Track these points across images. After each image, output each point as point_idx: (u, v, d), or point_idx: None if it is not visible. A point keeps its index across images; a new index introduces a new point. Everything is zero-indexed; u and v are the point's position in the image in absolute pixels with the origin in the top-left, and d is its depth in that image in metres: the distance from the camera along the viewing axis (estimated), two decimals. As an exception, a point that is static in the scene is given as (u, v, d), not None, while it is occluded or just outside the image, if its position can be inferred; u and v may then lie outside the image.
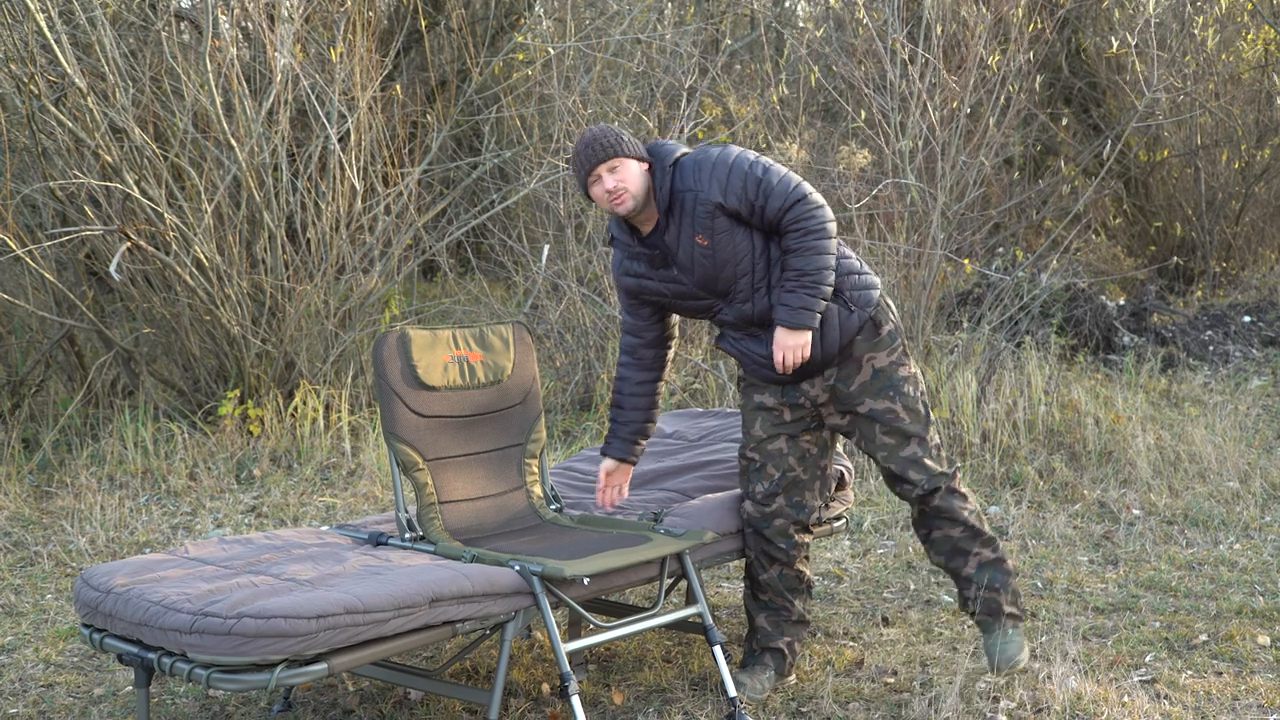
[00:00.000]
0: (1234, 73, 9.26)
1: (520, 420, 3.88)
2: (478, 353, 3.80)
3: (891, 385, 3.65)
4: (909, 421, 3.66)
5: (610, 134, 3.56)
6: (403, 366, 3.66)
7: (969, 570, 3.76)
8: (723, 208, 3.51)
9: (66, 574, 4.89)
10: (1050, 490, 5.61)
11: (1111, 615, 4.31)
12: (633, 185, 3.52)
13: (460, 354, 3.77)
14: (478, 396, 3.79)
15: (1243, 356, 7.91)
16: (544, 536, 3.68)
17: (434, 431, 3.70)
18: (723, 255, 3.54)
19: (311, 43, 6.91)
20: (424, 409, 3.68)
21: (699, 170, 3.53)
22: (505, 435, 3.84)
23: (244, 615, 2.95)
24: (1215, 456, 5.83)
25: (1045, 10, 8.15)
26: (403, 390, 3.65)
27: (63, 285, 6.41)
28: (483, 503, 3.77)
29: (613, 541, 3.56)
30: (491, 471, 3.80)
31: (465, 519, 3.73)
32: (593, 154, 3.52)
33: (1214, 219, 9.34)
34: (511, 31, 8.86)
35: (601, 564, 3.37)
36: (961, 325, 6.99)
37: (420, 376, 3.68)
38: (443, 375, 3.72)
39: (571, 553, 3.48)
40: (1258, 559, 4.79)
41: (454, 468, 3.73)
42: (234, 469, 5.99)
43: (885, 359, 3.65)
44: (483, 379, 3.80)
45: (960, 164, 6.40)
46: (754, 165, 3.53)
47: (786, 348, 3.52)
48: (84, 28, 6.12)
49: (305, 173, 6.53)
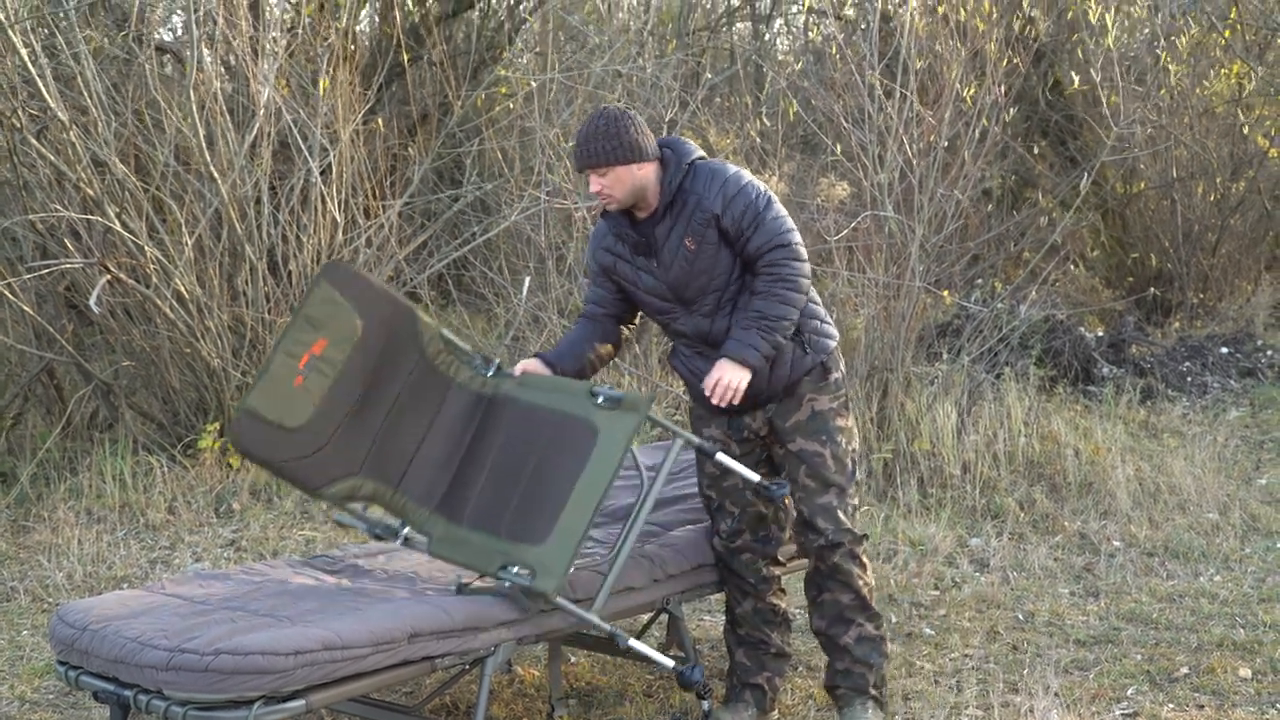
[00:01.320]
0: (1208, 106, 9.35)
1: (402, 341, 3.56)
2: (319, 339, 3.42)
3: (826, 430, 3.63)
4: (834, 470, 3.63)
5: (605, 138, 3.50)
6: (269, 434, 3.34)
7: (847, 640, 3.70)
8: (719, 221, 3.53)
9: (43, 609, 4.85)
10: (1031, 522, 5.62)
11: (1093, 648, 4.32)
12: (619, 191, 3.53)
13: (305, 360, 3.41)
14: (352, 372, 3.46)
15: (1221, 387, 7.95)
16: (497, 450, 3.47)
17: (342, 445, 3.43)
18: (702, 264, 3.55)
19: (294, 76, 6.92)
20: (317, 441, 3.40)
21: (712, 179, 3.55)
22: (402, 367, 3.55)
23: (221, 651, 2.93)
24: (1194, 488, 5.86)
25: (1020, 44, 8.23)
26: (288, 452, 3.36)
27: (42, 318, 6.38)
28: (428, 443, 3.55)
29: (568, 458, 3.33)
30: (415, 408, 3.56)
31: (426, 475, 3.53)
32: (582, 158, 3.52)
33: (1190, 251, 9.41)
34: (493, 65, 8.90)
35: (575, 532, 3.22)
36: (941, 357, 7.02)
37: (290, 425, 3.36)
38: (306, 399, 3.39)
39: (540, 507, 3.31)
40: (1238, 591, 4.81)
41: (383, 446, 3.50)
42: (213, 502, 5.96)
43: (826, 403, 3.65)
44: (342, 357, 3.45)
45: (938, 196, 6.44)
46: (760, 197, 3.55)
47: (724, 378, 3.48)
48: (67, 61, 6.12)
49: (287, 205, 6.53)
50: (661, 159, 3.59)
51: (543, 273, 7.29)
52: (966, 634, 4.44)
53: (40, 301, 6.64)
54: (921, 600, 4.79)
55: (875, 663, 3.71)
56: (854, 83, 6.50)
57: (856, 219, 6.52)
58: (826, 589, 3.70)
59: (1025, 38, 8.25)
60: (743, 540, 3.78)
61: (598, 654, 4.32)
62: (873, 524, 5.57)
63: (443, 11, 8.73)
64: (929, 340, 7.34)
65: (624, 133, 3.51)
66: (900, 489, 5.86)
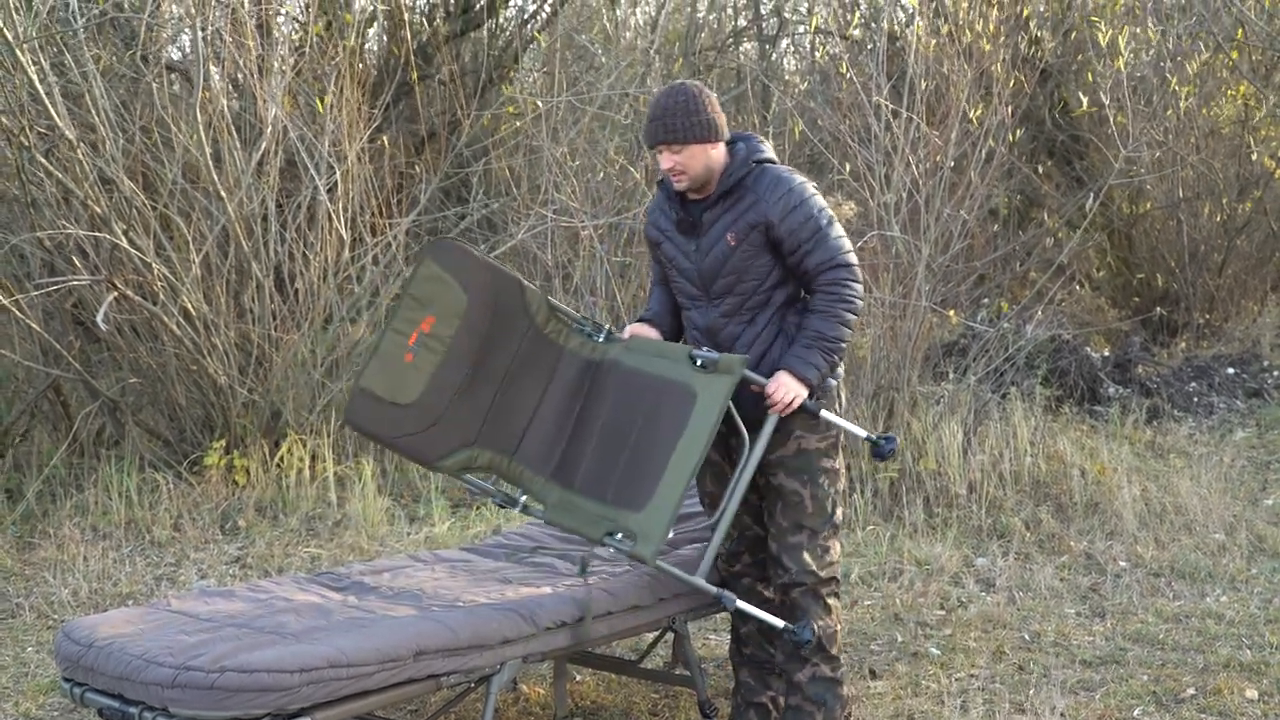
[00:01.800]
0: (1214, 127, 9.36)
1: (510, 312, 3.63)
2: (427, 317, 3.52)
3: (809, 471, 3.57)
4: (810, 513, 3.57)
5: (684, 114, 3.46)
6: (383, 412, 3.48)
7: (800, 677, 3.64)
8: (770, 230, 3.48)
9: (48, 626, 4.85)
10: (1037, 542, 5.61)
11: (1099, 668, 4.30)
12: (693, 170, 3.50)
13: (414, 338, 3.51)
14: (461, 347, 3.56)
15: (1227, 408, 7.94)
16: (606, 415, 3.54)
17: (456, 418, 3.52)
18: (735, 262, 3.52)
19: (302, 94, 6.95)
20: (431, 416, 3.51)
21: (776, 185, 3.50)
22: (511, 337, 3.62)
23: (227, 669, 2.93)
24: (1201, 508, 5.84)
25: (1026, 65, 8.25)
26: (402, 428, 3.49)
27: (49, 335, 6.40)
28: (542, 411, 3.62)
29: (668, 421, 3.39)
30: (528, 376, 3.62)
31: (541, 443, 3.61)
32: (658, 133, 3.48)
33: (1197, 271, 9.41)
34: (501, 85, 8.94)
35: (674, 494, 3.29)
36: (947, 376, 7.02)
37: (403, 401, 3.49)
38: (418, 376, 3.50)
39: (642, 473, 3.37)
40: (1245, 611, 4.79)
41: (498, 416, 3.58)
42: (219, 519, 5.96)
43: (815, 443, 3.57)
44: (450, 332, 3.54)
45: (944, 216, 6.45)
46: (822, 213, 3.52)
47: (785, 389, 3.45)
48: (75, 79, 6.15)
49: (294, 223, 6.55)
50: (730, 147, 3.56)
51: (549, 291, 7.30)
52: (972, 654, 4.43)
53: (47, 318, 6.66)
54: (927, 620, 4.78)
55: (829, 704, 3.64)
56: (860, 103, 6.52)
57: (863, 238, 6.54)
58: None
59: (1031, 59, 8.27)
60: (742, 564, 3.75)
61: (603, 673, 4.31)
62: (878, 543, 5.56)
63: (451, 31, 8.77)
64: (935, 360, 7.34)
65: (702, 110, 3.48)
66: (906, 508, 5.86)
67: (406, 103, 8.57)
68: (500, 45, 9.18)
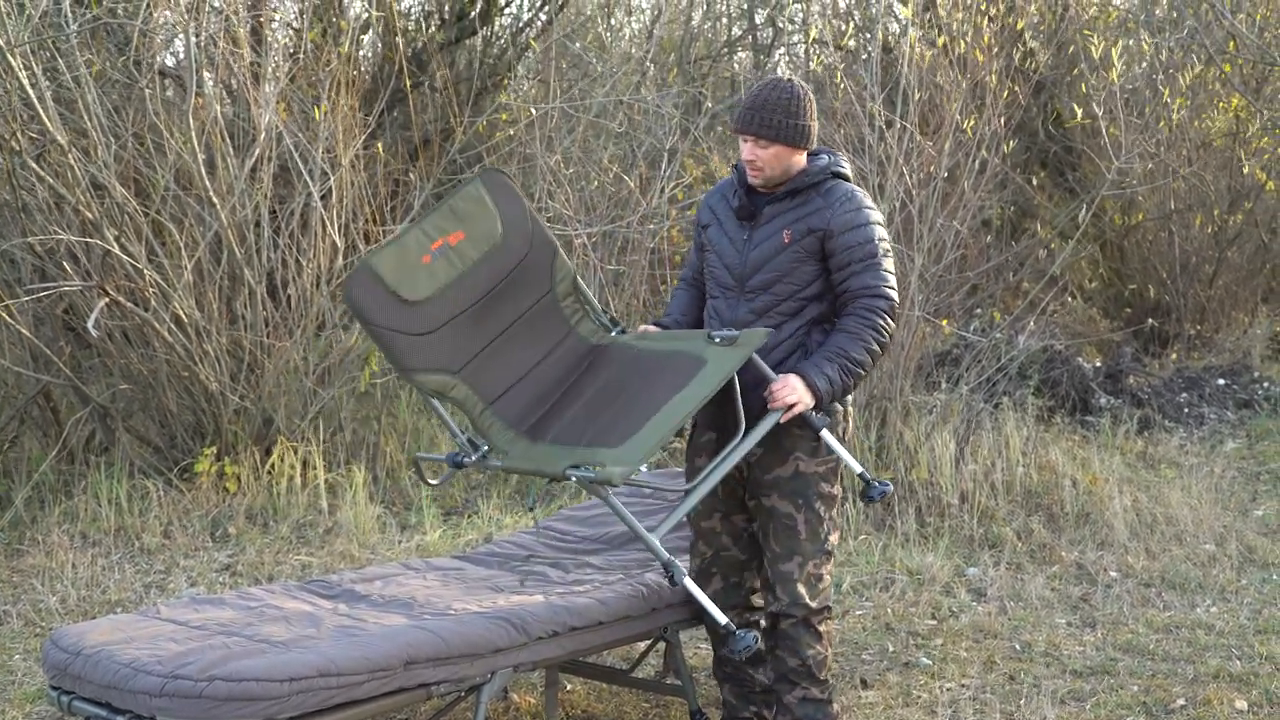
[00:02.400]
0: (1206, 139, 9.39)
1: (536, 270, 3.51)
2: (457, 231, 3.40)
3: (805, 495, 3.50)
4: (804, 537, 3.50)
5: (784, 114, 3.43)
6: (382, 297, 3.31)
7: (790, 699, 3.60)
8: (826, 239, 3.45)
9: (36, 634, 4.83)
10: (1028, 551, 5.61)
11: (1089, 679, 4.30)
12: (771, 168, 3.47)
13: (439, 244, 3.38)
14: (480, 275, 3.42)
15: (1217, 419, 7.95)
16: (601, 383, 3.41)
17: (449, 339, 3.39)
18: (782, 262, 3.48)
19: (295, 101, 6.95)
20: (427, 324, 3.35)
21: (847, 201, 3.48)
22: (527, 293, 3.51)
23: (215, 678, 2.92)
24: (1191, 519, 5.85)
25: (1020, 76, 8.27)
26: (395, 321, 3.32)
27: (40, 341, 6.38)
28: (533, 376, 3.49)
29: (670, 379, 3.25)
30: (530, 338, 3.51)
31: (522, 403, 3.46)
32: (743, 124, 3.45)
33: (1188, 282, 9.44)
34: (495, 92, 8.94)
35: (659, 431, 3.11)
36: (939, 386, 7.02)
37: (406, 296, 3.33)
38: (430, 279, 3.36)
39: (628, 418, 3.21)
40: (1235, 622, 4.79)
41: (488, 360, 3.45)
42: (209, 526, 5.95)
43: (813, 466, 3.50)
44: (475, 255, 3.41)
45: (938, 226, 6.46)
46: (880, 242, 3.49)
47: (791, 389, 3.36)
48: (68, 84, 6.14)
49: (287, 229, 6.55)
50: (815, 154, 3.54)
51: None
52: (964, 664, 4.43)
53: (38, 324, 6.64)
54: (919, 630, 4.78)
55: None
56: (854, 112, 6.53)
57: (855, 248, 6.54)
58: (777, 647, 3.61)
59: (1025, 70, 8.30)
60: (712, 587, 3.64)
61: (594, 682, 4.30)
62: (870, 553, 5.56)
63: (445, 38, 8.77)
64: (928, 369, 7.34)
65: (803, 114, 3.46)
66: (898, 518, 5.85)
67: (400, 110, 8.56)
68: (495, 53, 9.19)
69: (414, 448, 6.96)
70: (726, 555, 3.66)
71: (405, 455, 6.85)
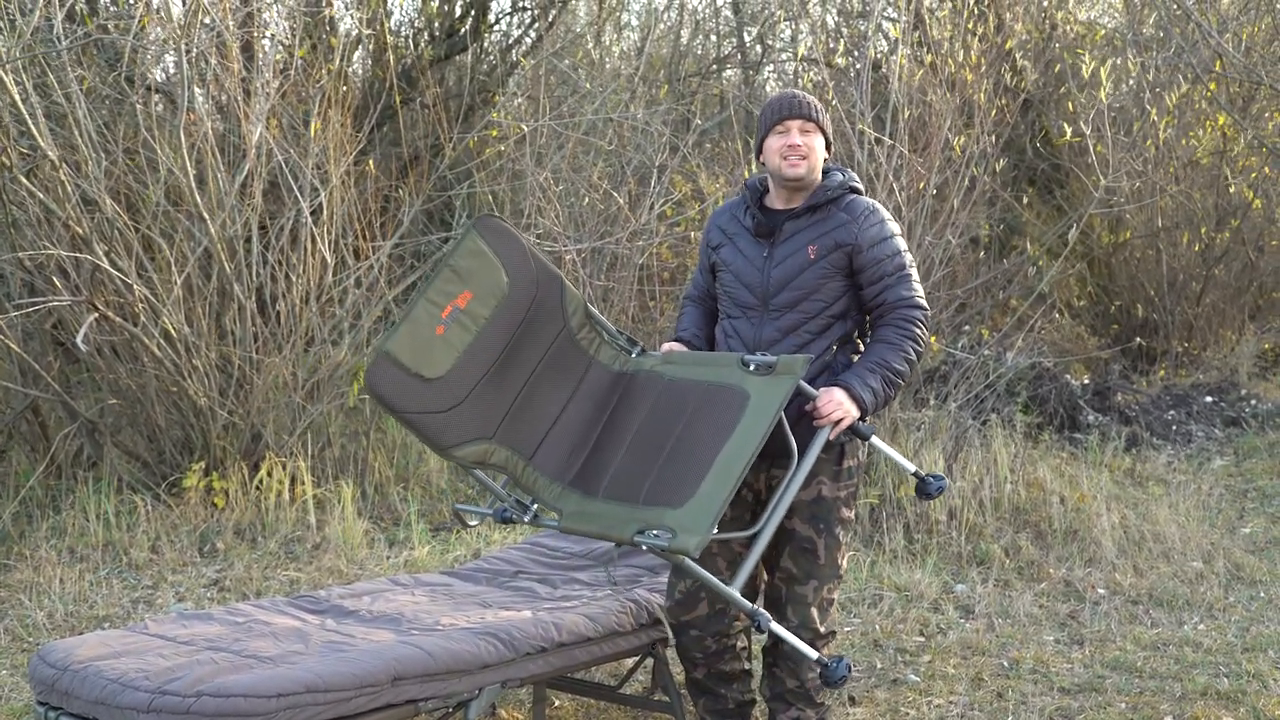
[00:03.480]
0: (1192, 157, 9.45)
1: (547, 308, 3.43)
2: (464, 292, 3.30)
3: (825, 520, 3.50)
4: (822, 563, 3.50)
5: (819, 108, 3.52)
6: (405, 381, 3.23)
7: (785, 718, 3.62)
8: (855, 254, 3.45)
9: (23, 649, 4.81)
10: (1016, 568, 5.62)
11: (1077, 696, 4.31)
12: (812, 159, 3.50)
13: (448, 311, 3.29)
14: (495, 331, 3.34)
15: (1205, 436, 7.98)
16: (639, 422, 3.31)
17: (478, 406, 3.30)
18: (809, 278, 3.46)
19: (286, 117, 6.96)
20: (454, 397, 3.27)
21: (870, 215, 3.49)
22: (544, 334, 3.42)
23: (203, 694, 2.91)
24: (1179, 536, 5.87)
25: (1009, 94, 8.32)
26: (422, 403, 3.23)
27: (28, 355, 6.37)
28: (565, 419, 3.41)
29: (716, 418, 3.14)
30: (555, 380, 3.42)
31: (561, 451, 3.38)
32: (795, 108, 3.48)
33: (1175, 300, 9.49)
34: (485, 109, 8.96)
35: (721, 491, 2.99)
36: (928, 403, 7.04)
37: (428, 375, 3.24)
38: (447, 350, 3.27)
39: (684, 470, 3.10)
40: (1222, 640, 4.81)
41: (519, 415, 3.36)
42: (197, 542, 5.93)
43: (835, 490, 3.51)
44: (487, 313, 3.33)
45: (926, 243, 6.49)
46: (906, 254, 3.51)
47: (837, 404, 3.33)
48: (59, 100, 6.14)
49: (276, 245, 6.55)
50: (827, 171, 3.58)
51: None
52: (951, 681, 4.43)
53: (27, 338, 6.63)
54: (906, 646, 4.78)
55: None
56: (844, 130, 6.57)
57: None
58: (777, 666, 3.60)
59: (1014, 88, 8.34)
60: (695, 615, 3.59)
61: (582, 698, 4.30)
62: (858, 570, 5.56)
63: (435, 55, 8.79)
64: (916, 386, 7.37)
65: (827, 115, 3.59)
66: (886, 535, 5.86)
67: (391, 126, 8.58)
68: (484, 70, 9.21)
69: (402, 464, 6.96)
70: (720, 579, 3.63)
71: (393, 470, 6.85)
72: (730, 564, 3.60)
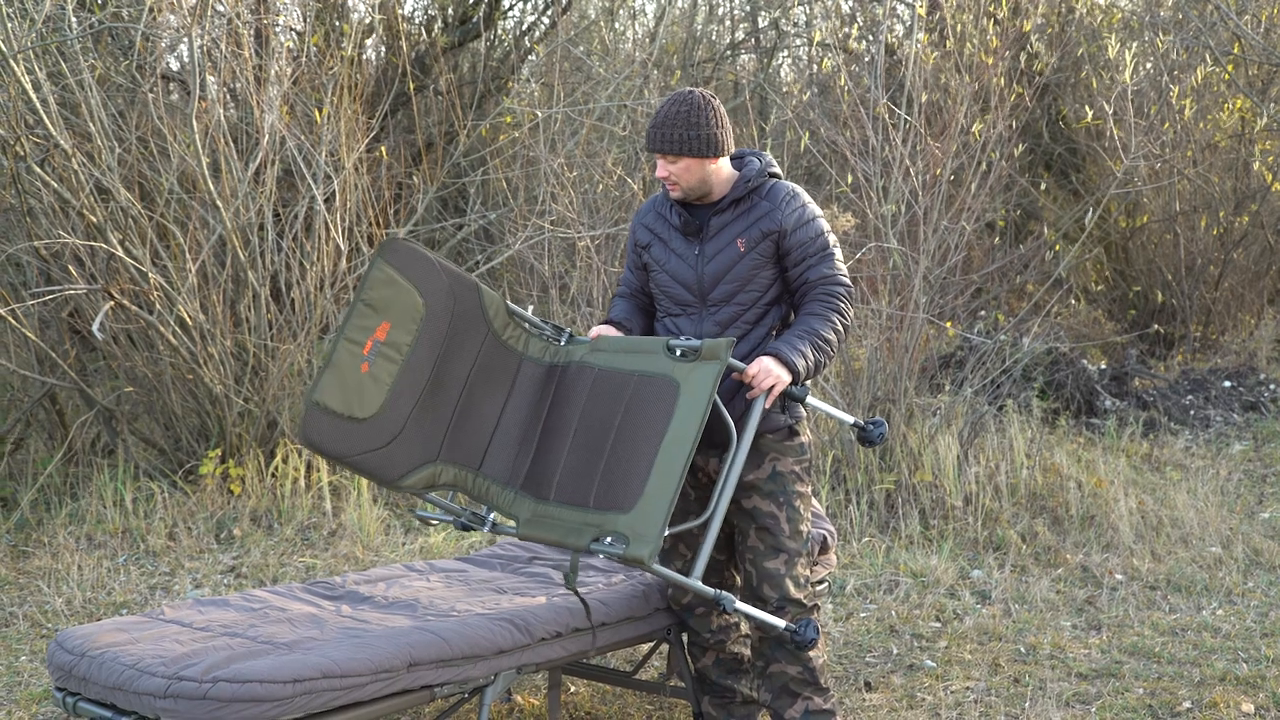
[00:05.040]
0: (1211, 140, 9.38)
1: (468, 317, 3.42)
2: (382, 324, 3.29)
3: (784, 493, 3.49)
4: (787, 535, 3.49)
5: (685, 126, 3.41)
6: (339, 427, 3.23)
7: (793, 713, 3.55)
8: (781, 240, 3.46)
9: (42, 635, 4.83)
10: (1033, 554, 5.60)
11: (1095, 681, 4.29)
12: (686, 182, 3.46)
13: (369, 347, 3.27)
14: (420, 354, 3.34)
15: (1223, 421, 7.94)
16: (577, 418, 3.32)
17: (417, 432, 3.31)
18: (742, 269, 3.48)
19: (299, 104, 6.96)
20: (391, 431, 3.29)
21: (791, 199, 3.49)
22: (470, 343, 3.43)
23: (219, 679, 2.92)
24: (1197, 521, 5.84)
25: (1025, 78, 8.27)
26: (360, 444, 3.25)
27: (45, 344, 6.39)
28: (504, 423, 3.42)
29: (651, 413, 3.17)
30: (489, 386, 3.43)
31: (506, 454, 3.40)
32: (654, 141, 3.43)
33: (1193, 284, 9.43)
34: (498, 95, 8.95)
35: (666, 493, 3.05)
36: (944, 388, 7.02)
37: (362, 416, 3.25)
38: (376, 388, 3.27)
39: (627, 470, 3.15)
40: (1241, 625, 4.78)
41: (460, 429, 3.38)
42: (214, 529, 5.95)
43: (790, 465, 3.51)
44: (408, 339, 3.32)
45: (942, 228, 6.46)
46: (829, 234, 3.53)
47: (767, 372, 3.33)
48: (72, 88, 6.15)
49: (290, 232, 6.55)
50: (742, 159, 3.55)
51: (546, 301, 7.30)
52: (968, 666, 4.42)
53: (44, 327, 6.66)
54: (923, 632, 4.77)
55: None
56: (859, 115, 6.53)
57: (861, 250, 6.54)
58: (774, 659, 3.54)
59: (1030, 72, 8.29)
60: (693, 595, 3.60)
61: (598, 684, 4.30)
62: (874, 555, 5.55)
63: (449, 42, 8.78)
64: (932, 372, 7.34)
65: (703, 125, 3.42)
66: (902, 520, 5.85)
67: (404, 113, 8.57)
68: (498, 57, 9.20)
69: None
70: None
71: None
72: (693, 548, 3.59)
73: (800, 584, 3.50)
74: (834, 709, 3.60)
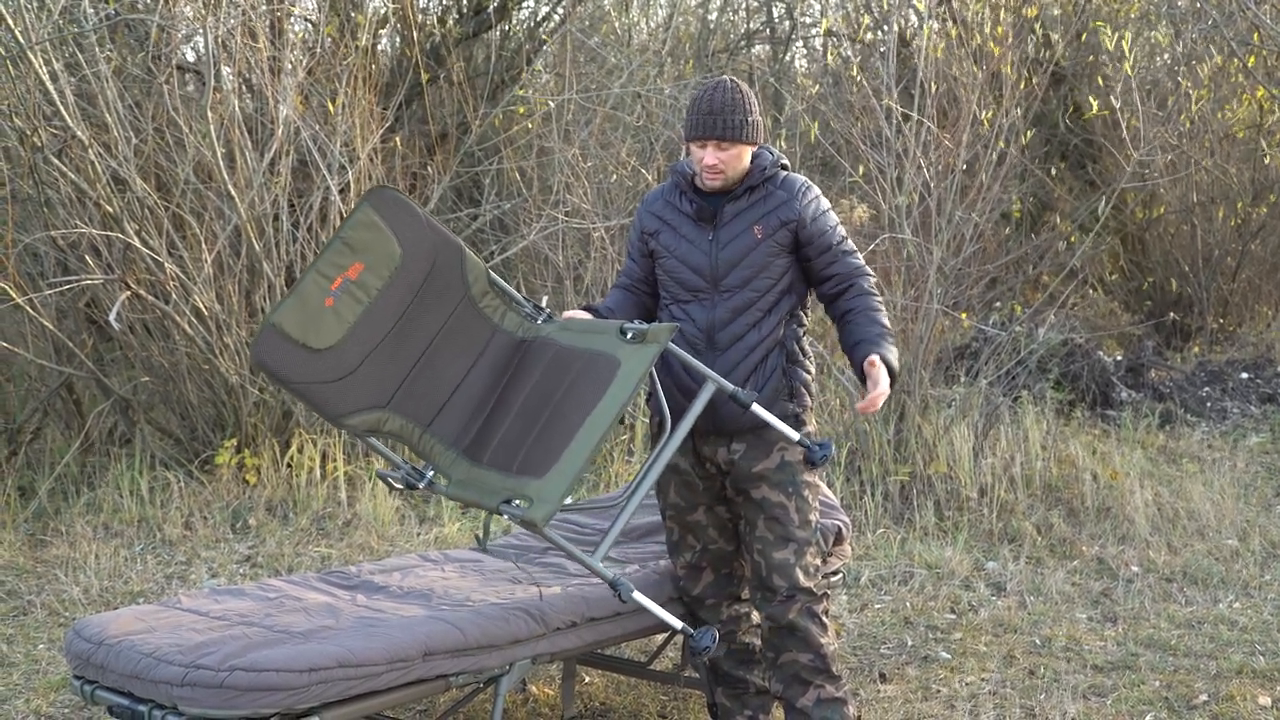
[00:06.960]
0: (1228, 131, 9.32)
1: (446, 277, 3.41)
2: (354, 264, 3.29)
3: (793, 483, 3.48)
4: (796, 525, 3.48)
5: (743, 112, 3.42)
6: (292, 353, 3.22)
7: (805, 702, 3.51)
8: (797, 231, 3.48)
9: (59, 624, 4.86)
10: (1048, 546, 5.59)
11: (1110, 674, 4.28)
12: (732, 169, 3.47)
13: (338, 283, 3.27)
14: (388, 301, 3.32)
15: (1240, 413, 7.90)
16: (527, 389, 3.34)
17: (371, 375, 3.30)
18: (757, 257, 3.48)
19: (314, 95, 6.97)
20: (344, 368, 3.27)
21: (806, 191, 3.52)
22: (443, 303, 3.41)
23: (236, 668, 2.93)
24: (1214, 514, 5.82)
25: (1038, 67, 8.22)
26: (310, 374, 3.24)
27: (62, 333, 6.42)
28: (465, 386, 3.42)
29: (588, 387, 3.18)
30: (456, 349, 3.42)
31: (459, 417, 3.40)
32: (711, 127, 3.41)
33: (1210, 275, 9.38)
34: (512, 85, 8.94)
35: (576, 462, 3.04)
36: (959, 379, 7.00)
37: (316, 347, 3.24)
38: (337, 322, 3.26)
39: (551, 439, 3.15)
40: (1258, 618, 4.77)
41: (416, 383, 3.37)
42: (230, 518, 5.98)
43: (796, 455, 3.49)
44: (379, 284, 3.32)
45: (956, 219, 6.43)
46: (840, 226, 3.57)
47: (883, 394, 3.36)
48: (88, 80, 6.17)
49: (305, 222, 6.57)
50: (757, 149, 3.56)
51: (560, 292, 7.30)
52: (983, 658, 4.42)
53: (60, 317, 6.69)
54: (938, 624, 4.77)
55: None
56: (872, 106, 6.51)
57: (875, 241, 6.52)
58: (784, 649, 3.51)
59: (1043, 61, 8.25)
60: (703, 585, 3.63)
61: (612, 674, 4.31)
62: (889, 546, 5.55)
63: (463, 32, 8.78)
64: (946, 363, 7.32)
65: (754, 110, 3.45)
66: (917, 512, 5.84)
67: (418, 103, 8.57)
68: (512, 47, 9.19)
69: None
70: (714, 548, 3.64)
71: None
72: (721, 530, 3.62)
73: (810, 572, 3.50)
74: (846, 697, 3.58)
